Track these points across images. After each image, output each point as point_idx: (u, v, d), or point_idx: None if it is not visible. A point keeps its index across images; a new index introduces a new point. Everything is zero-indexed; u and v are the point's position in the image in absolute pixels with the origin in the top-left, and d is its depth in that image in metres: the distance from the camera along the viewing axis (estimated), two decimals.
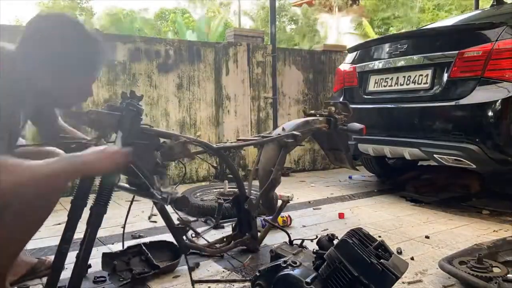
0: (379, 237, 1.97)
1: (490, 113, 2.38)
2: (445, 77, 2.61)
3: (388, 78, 3.02)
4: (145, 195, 1.50)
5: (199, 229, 2.24)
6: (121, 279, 1.59)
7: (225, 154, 1.85)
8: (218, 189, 3.16)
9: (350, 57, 3.49)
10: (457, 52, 2.54)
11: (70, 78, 1.30)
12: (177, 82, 3.90)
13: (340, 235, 1.34)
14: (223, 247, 1.87)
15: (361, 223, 2.43)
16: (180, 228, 1.68)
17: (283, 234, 2.20)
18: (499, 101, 2.35)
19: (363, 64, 3.25)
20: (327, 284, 1.19)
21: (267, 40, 4.71)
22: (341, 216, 2.60)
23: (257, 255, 1.92)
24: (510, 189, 3.19)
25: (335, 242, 1.36)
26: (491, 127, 2.39)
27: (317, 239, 1.52)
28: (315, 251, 1.42)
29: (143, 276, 1.61)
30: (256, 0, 18.85)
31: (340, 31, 17.97)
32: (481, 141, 2.41)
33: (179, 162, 1.73)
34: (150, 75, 3.76)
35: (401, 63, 2.90)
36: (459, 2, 14.57)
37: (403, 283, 1.56)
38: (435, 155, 2.62)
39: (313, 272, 1.25)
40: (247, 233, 1.92)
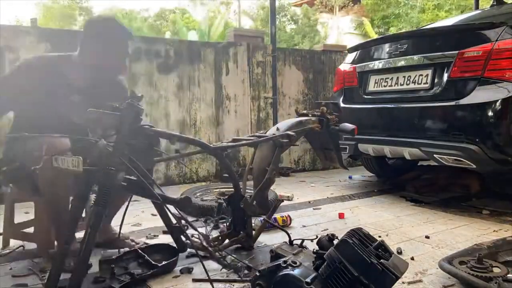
0: (379, 237, 1.96)
1: (490, 113, 2.38)
2: (445, 77, 2.61)
3: (388, 78, 3.02)
4: (145, 194, 1.50)
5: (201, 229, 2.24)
6: (121, 281, 1.58)
7: (221, 154, 1.86)
8: (218, 189, 3.17)
9: (350, 57, 3.49)
10: (457, 52, 2.54)
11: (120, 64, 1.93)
12: (177, 82, 3.90)
13: (340, 235, 1.34)
14: (219, 245, 1.87)
15: (361, 223, 2.43)
16: (177, 227, 1.68)
17: (283, 234, 2.20)
18: (499, 101, 2.35)
19: (363, 64, 3.24)
20: (327, 284, 1.19)
21: (267, 40, 4.71)
22: (341, 216, 2.60)
23: (257, 254, 1.92)
24: (510, 189, 3.19)
25: (335, 242, 1.36)
26: (491, 127, 2.39)
27: (317, 239, 1.52)
28: (315, 251, 1.42)
29: (143, 276, 1.61)
30: (256, 0, 18.85)
31: (340, 31, 17.98)
32: (481, 141, 2.41)
33: (179, 162, 1.75)
34: (150, 75, 3.76)
35: (401, 63, 2.90)
36: (459, 2, 14.56)
37: (403, 283, 1.56)
38: (435, 155, 2.62)
39: (313, 272, 1.25)
40: (242, 232, 1.93)
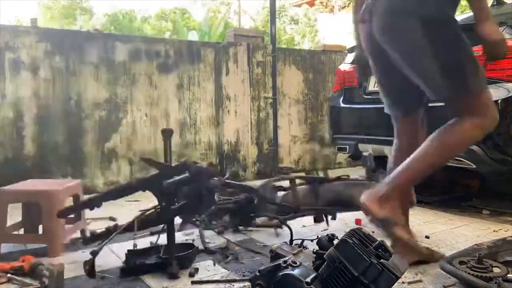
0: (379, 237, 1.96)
1: None
2: None
3: None
4: None
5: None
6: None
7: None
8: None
9: (350, 57, 3.48)
10: None
11: None
12: (177, 82, 3.90)
13: (340, 235, 1.34)
14: None
15: (361, 223, 2.43)
16: None
17: (283, 234, 2.21)
18: (499, 101, 2.35)
19: None
20: (327, 284, 1.19)
21: (267, 40, 4.71)
22: (358, 222, 2.43)
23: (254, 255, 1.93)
24: (510, 189, 3.18)
25: (335, 242, 1.36)
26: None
27: (317, 239, 1.52)
28: (315, 251, 1.42)
29: (167, 258, 1.70)
30: (256, 0, 18.85)
31: (340, 31, 17.97)
32: (481, 141, 2.40)
33: None
34: (150, 75, 3.76)
35: None
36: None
37: (403, 283, 1.56)
38: None
39: (313, 272, 1.25)
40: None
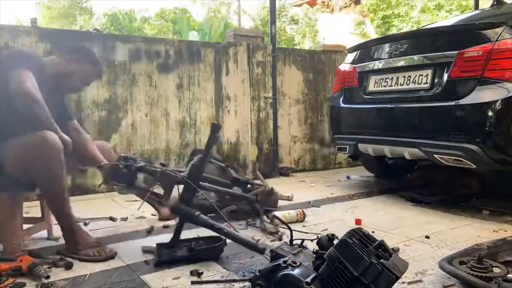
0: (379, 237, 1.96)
1: (490, 113, 2.38)
2: (445, 77, 2.61)
3: (388, 78, 3.02)
4: None
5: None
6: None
7: None
8: None
9: (350, 57, 3.49)
10: (457, 52, 2.54)
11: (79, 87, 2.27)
12: (177, 82, 3.90)
13: (340, 235, 1.34)
14: None
15: (361, 223, 2.43)
16: None
17: (283, 234, 2.20)
18: (499, 101, 2.35)
19: (363, 64, 3.24)
20: (327, 284, 1.19)
21: (267, 40, 4.71)
22: (359, 222, 2.44)
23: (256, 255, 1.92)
24: (510, 189, 3.19)
25: (335, 242, 1.36)
26: (491, 127, 2.39)
27: (317, 239, 1.52)
28: (315, 251, 1.42)
29: (195, 251, 1.83)
30: (256, 0, 18.84)
31: (340, 31, 17.97)
32: (481, 141, 2.41)
33: None
34: (150, 75, 3.75)
35: (401, 63, 2.90)
36: (459, 2, 14.56)
37: (403, 283, 1.56)
38: (435, 155, 2.62)
39: (313, 272, 1.25)
40: None
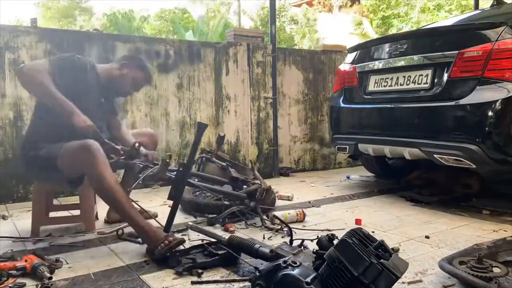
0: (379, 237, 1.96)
1: (490, 113, 2.38)
2: (445, 77, 2.61)
3: (388, 78, 3.02)
4: None
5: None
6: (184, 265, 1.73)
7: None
8: None
9: (350, 57, 3.49)
10: (457, 52, 2.54)
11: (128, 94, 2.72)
12: (177, 82, 3.90)
13: (340, 235, 1.34)
14: None
15: (361, 223, 2.43)
16: None
17: (283, 234, 2.20)
18: (499, 101, 2.35)
19: (363, 64, 3.24)
20: (327, 284, 1.19)
21: (267, 40, 4.71)
22: (358, 222, 2.44)
23: None
24: (510, 189, 3.19)
25: (335, 242, 1.36)
26: (491, 127, 2.39)
27: (317, 239, 1.52)
28: (315, 251, 1.42)
29: (206, 262, 1.74)
30: (256, 0, 18.83)
31: (340, 31, 17.97)
32: (481, 141, 2.41)
33: None
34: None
35: (401, 63, 2.90)
36: (459, 2, 14.56)
37: (403, 283, 1.56)
38: (435, 155, 2.62)
39: (313, 272, 1.25)
40: None
